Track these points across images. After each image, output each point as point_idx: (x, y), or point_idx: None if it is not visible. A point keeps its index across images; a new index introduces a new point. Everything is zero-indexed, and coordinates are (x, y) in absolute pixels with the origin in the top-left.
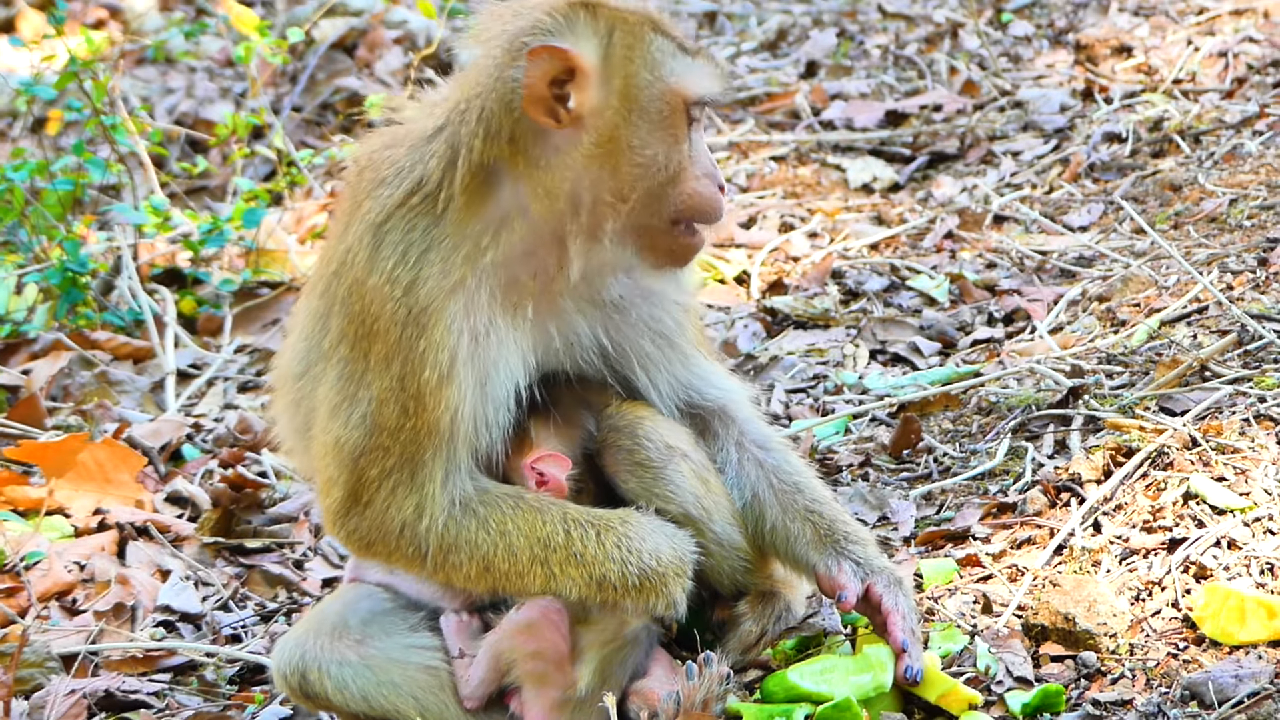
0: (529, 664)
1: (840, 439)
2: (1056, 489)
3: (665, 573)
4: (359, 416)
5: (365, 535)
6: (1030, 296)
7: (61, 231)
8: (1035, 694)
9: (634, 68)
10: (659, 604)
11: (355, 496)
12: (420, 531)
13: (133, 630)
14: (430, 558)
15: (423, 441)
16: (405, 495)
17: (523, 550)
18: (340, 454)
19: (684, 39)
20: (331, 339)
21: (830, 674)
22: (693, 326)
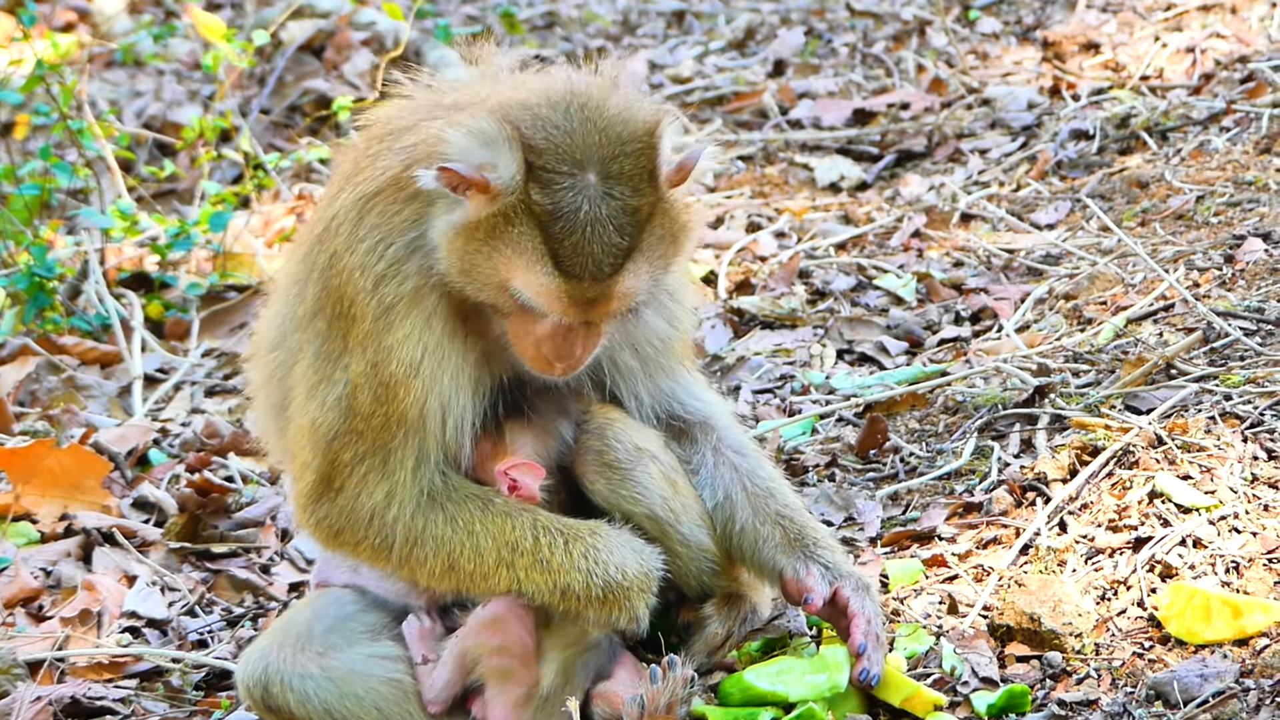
0: (494, 660)
1: (807, 439)
2: (1022, 488)
3: (630, 587)
4: (334, 399)
5: (334, 523)
6: (997, 295)
7: (29, 236)
8: (1001, 695)
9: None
10: (621, 618)
11: (328, 481)
12: (388, 521)
13: (99, 636)
14: (396, 550)
15: (394, 429)
16: (376, 482)
17: (489, 552)
18: (315, 437)
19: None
20: (308, 308)
21: (787, 675)
22: (679, 339)
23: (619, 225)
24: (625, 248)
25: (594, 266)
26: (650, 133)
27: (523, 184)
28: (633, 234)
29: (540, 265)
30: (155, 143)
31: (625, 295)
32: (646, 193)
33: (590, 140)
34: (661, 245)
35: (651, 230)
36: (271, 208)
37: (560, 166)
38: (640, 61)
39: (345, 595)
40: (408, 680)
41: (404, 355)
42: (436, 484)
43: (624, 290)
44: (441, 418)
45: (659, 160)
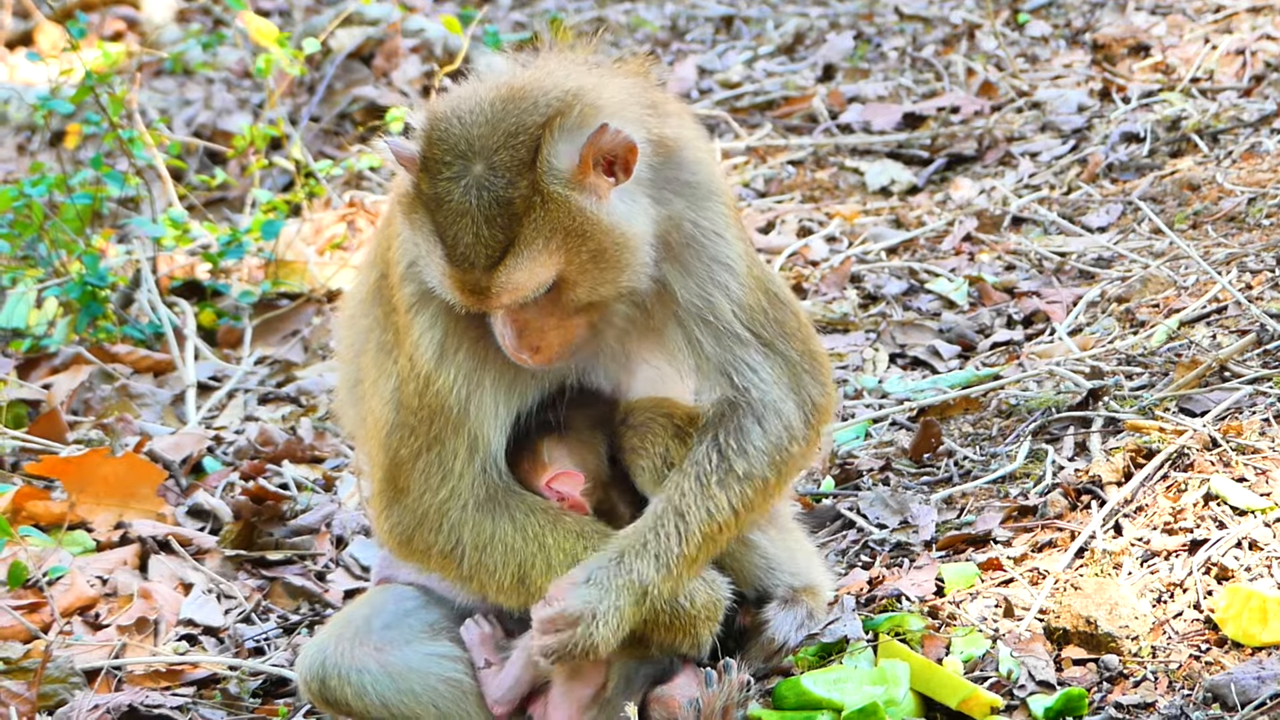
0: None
1: (860, 443)
2: (1077, 491)
3: (697, 616)
4: (389, 392)
5: (405, 528)
6: (1049, 298)
7: (80, 245)
8: (1058, 698)
9: None
10: (685, 644)
11: (393, 481)
12: (454, 522)
13: (155, 644)
14: (466, 557)
15: (440, 423)
16: (437, 480)
17: (559, 566)
18: (378, 433)
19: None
20: (369, 291)
21: (844, 683)
22: (729, 308)
23: (489, 217)
24: (501, 240)
25: (473, 256)
26: (541, 123)
27: (418, 172)
28: (506, 225)
29: (435, 252)
30: (205, 151)
31: (514, 288)
32: (521, 185)
33: (480, 133)
34: (556, 240)
35: (532, 223)
36: (323, 215)
37: (446, 157)
38: (689, 66)
39: (406, 592)
40: (466, 680)
41: (425, 349)
42: (498, 484)
43: (509, 283)
44: (475, 412)
45: (542, 152)
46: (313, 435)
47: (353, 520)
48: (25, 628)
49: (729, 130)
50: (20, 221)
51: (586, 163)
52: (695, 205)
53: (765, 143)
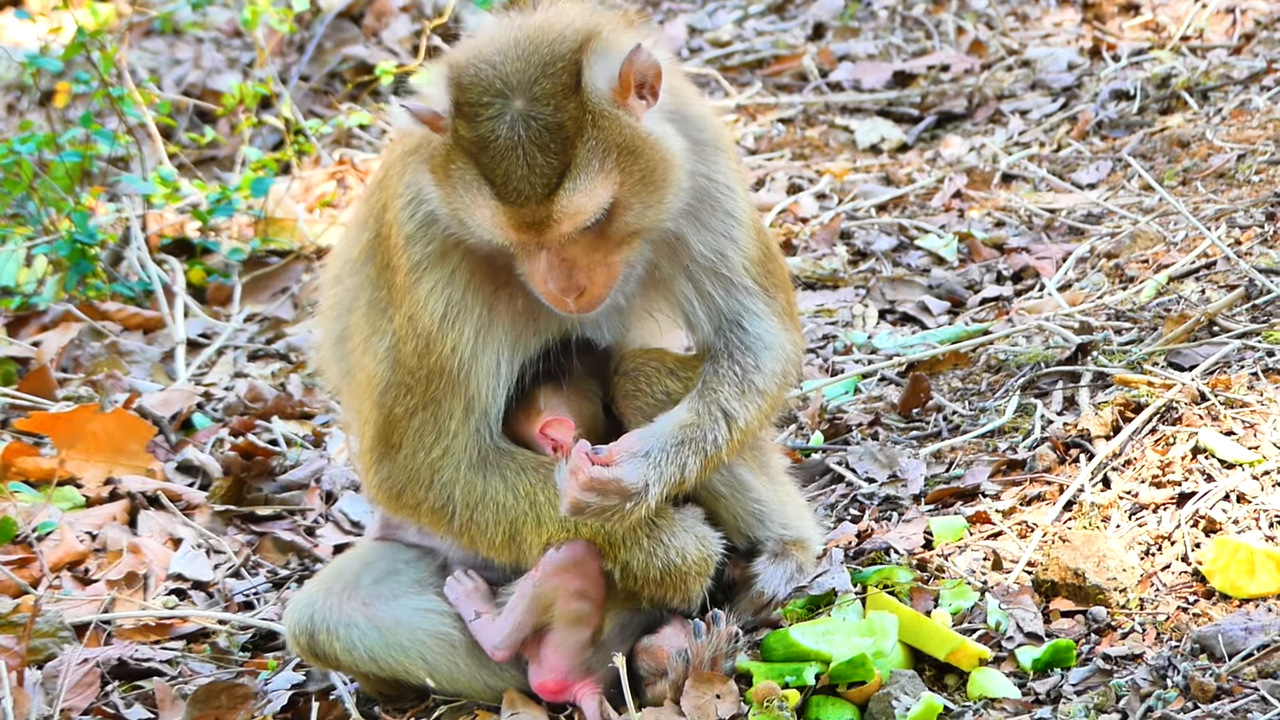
0: (572, 604)
1: (850, 398)
2: (1065, 445)
3: (688, 571)
4: (384, 351)
5: (396, 483)
6: (1039, 254)
7: (70, 203)
8: (1046, 649)
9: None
10: (675, 599)
11: (385, 438)
12: (446, 481)
13: (145, 599)
14: (457, 515)
15: (438, 383)
16: (431, 438)
17: (550, 522)
18: (371, 390)
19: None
20: (362, 251)
21: (832, 635)
22: (736, 257)
23: (542, 145)
24: (556, 165)
25: (528, 189)
26: (575, 49)
27: (453, 121)
28: (560, 150)
29: (482, 196)
30: (195, 110)
31: (575, 213)
32: (569, 109)
33: (514, 69)
34: (611, 159)
35: (586, 144)
36: (312, 173)
37: (483, 99)
38: (679, 25)
39: (397, 548)
40: (455, 634)
41: (432, 308)
42: (494, 446)
43: (570, 208)
44: (477, 373)
45: (584, 75)
46: (302, 391)
47: (342, 475)
48: (14, 583)
49: (719, 89)
50: (10, 179)
51: (627, 81)
52: (705, 159)
53: (755, 101)
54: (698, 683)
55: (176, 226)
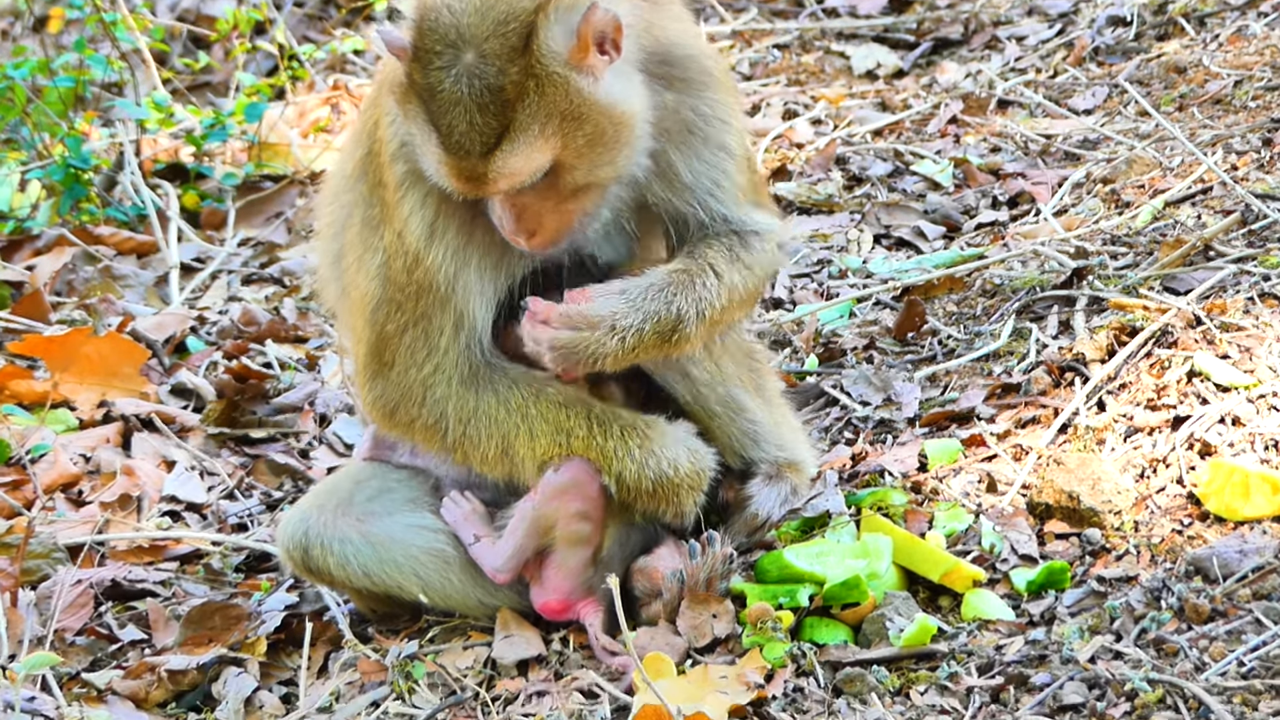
0: (573, 525)
1: (845, 323)
2: (1061, 369)
3: (680, 484)
4: (376, 267)
5: (389, 400)
6: (1035, 180)
7: (64, 128)
8: (1040, 571)
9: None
10: (668, 512)
11: (378, 355)
12: (438, 397)
13: (138, 520)
14: (450, 430)
15: (427, 300)
16: (422, 355)
17: (543, 435)
18: (363, 308)
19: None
20: (355, 167)
21: (826, 556)
22: (729, 179)
23: (482, 104)
24: (495, 126)
25: (468, 144)
26: (534, 8)
27: (409, 64)
28: (499, 112)
29: (430, 142)
30: (189, 35)
31: (511, 174)
32: (512, 72)
33: (469, 21)
34: (552, 124)
35: (526, 108)
36: (306, 99)
37: (436, 47)
38: None
39: (388, 468)
40: (449, 551)
41: (414, 227)
42: (486, 361)
43: (506, 169)
44: (461, 290)
45: (536, 36)
46: (296, 315)
47: (335, 399)
48: (8, 504)
49: (714, 14)
50: (3, 104)
51: (585, 41)
52: (694, 92)
53: (751, 27)
54: (694, 603)
55: (170, 151)
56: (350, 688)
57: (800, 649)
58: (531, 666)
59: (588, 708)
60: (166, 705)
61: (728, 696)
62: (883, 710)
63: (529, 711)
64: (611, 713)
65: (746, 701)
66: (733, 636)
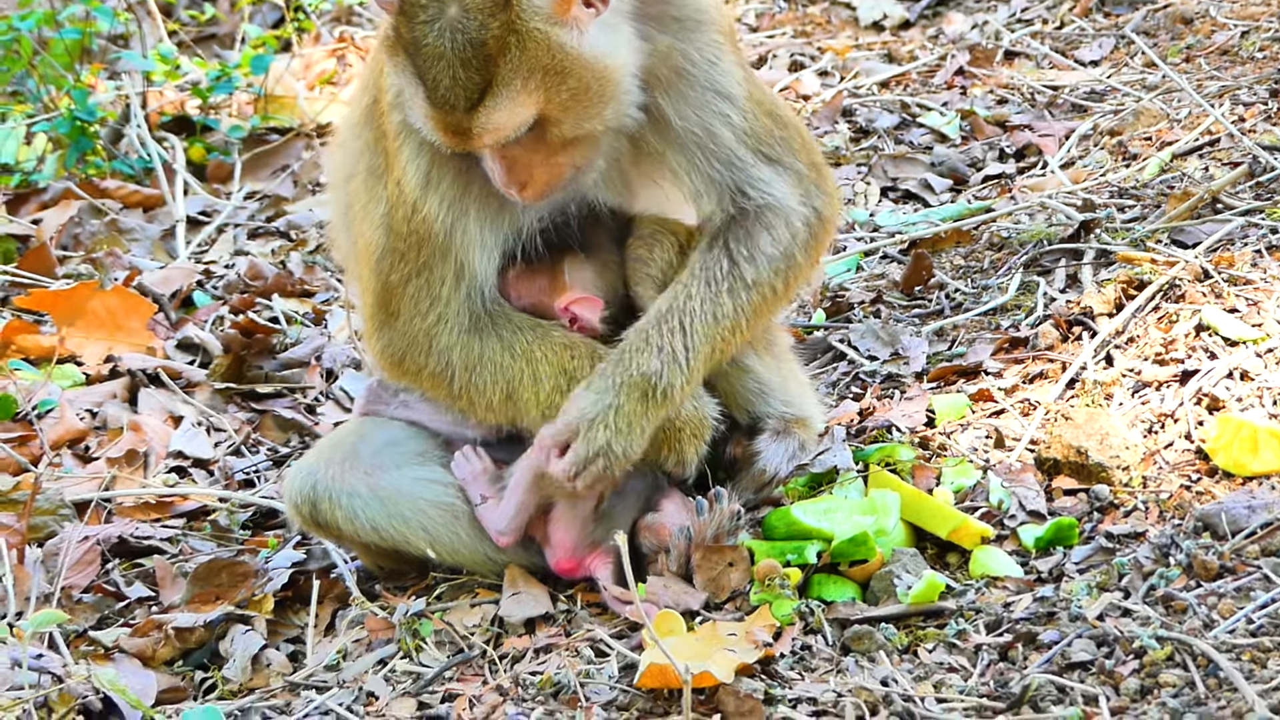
0: None
1: (852, 276)
2: (1068, 323)
3: (682, 429)
4: (380, 217)
5: (396, 349)
6: (1042, 132)
7: (70, 81)
8: (1048, 527)
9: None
10: (670, 459)
11: (384, 305)
12: (444, 346)
13: (145, 476)
14: (456, 378)
15: (428, 249)
16: (426, 305)
17: (547, 379)
18: (369, 257)
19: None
20: (361, 114)
21: (833, 513)
22: (730, 128)
23: (465, 59)
24: (478, 81)
25: (453, 99)
26: None
27: (396, 16)
28: (481, 67)
29: (417, 95)
30: None
31: (495, 128)
32: (493, 27)
33: None
34: (535, 79)
35: (508, 63)
36: (312, 50)
37: (421, 1)
38: None
39: (393, 423)
40: (458, 504)
41: (410, 177)
42: (489, 309)
43: (490, 124)
44: (459, 240)
45: None
46: (302, 269)
47: (342, 353)
48: (15, 460)
49: None
50: (9, 56)
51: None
52: (685, 37)
53: None
54: (709, 554)
55: (176, 104)
56: (357, 645)
57: (808, 606)
58: (539, 624)
59: (595, 665)
60: (173, 663)
61: (735, 655)
62: (891, 668)
63: (536, 669)
64: (619, 670)
65: (754, 660)
66: (741, 594)
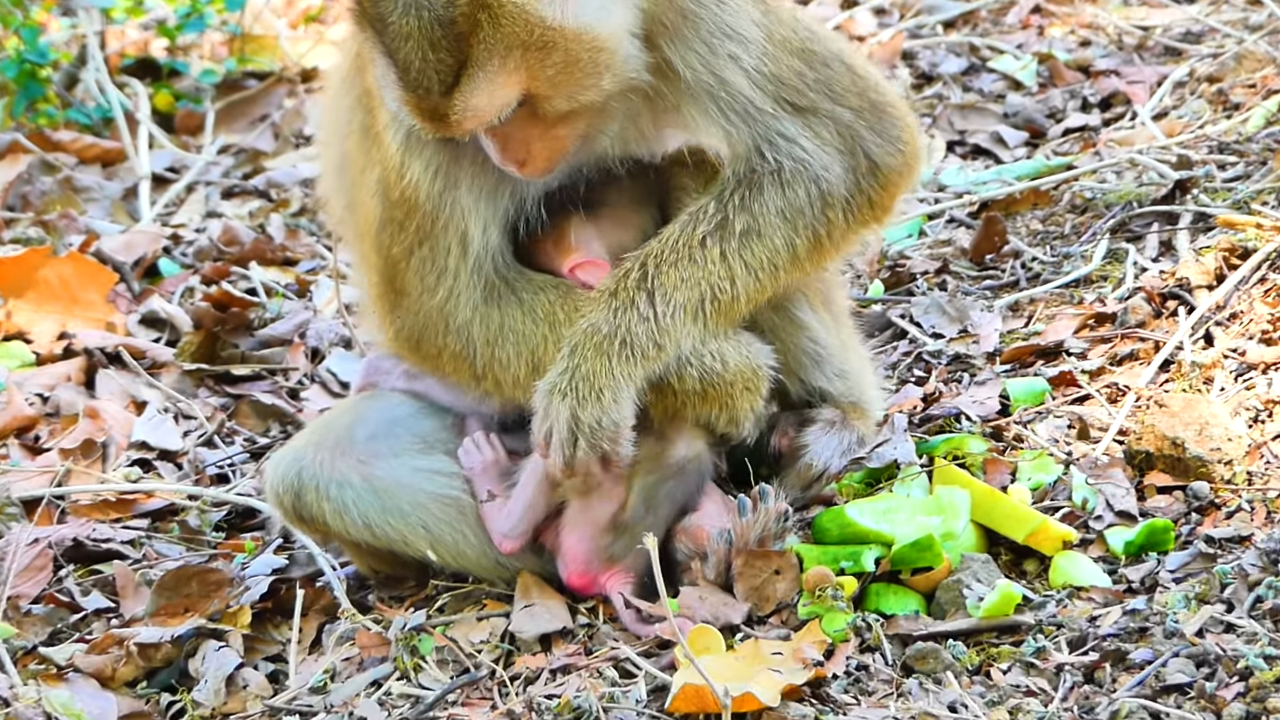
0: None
1: (914, 243)
2: (1162, 296)
3: (732, 381)
4: (374, 183)
5: (411, 331)
6: (1130, 78)
7: (18, 18)
8: (1139, 531)
9: None
10: (722, 418)
11: (390, 282)
12: (460, 322)
13: (104, 470)
14: (479, 356)
15: (421, 219)
16: (434, 279)
17: None
18: (370, 230)
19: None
20: (353, 64)
21: (894, 514)
22: (747, 80)
23: (434, 40)
24: (451, 63)
25: (427, 82)
26: None
27: None
28: (453, 48)
29: (390, 75)
30: None
31: (477, 112)
32: (461, 3)
33: None
34: (514, 57)
35: (482, 42)
36: None
37: None
38: None
39: (394, 400)
40: (464, 498)
41: (392, 138)
42: (496, 275)
43: (470, 108)
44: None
45: None
46: (284, 234)
47: (330, 330)
48: None
49: None
50: None
51: None
52: None
53: None
54: (751, 559)
55: (140, 45)
56: (348, 664)
57: (864, 620)
58: (555, 641)
59: (620, 688)
60: (136, 684)
61: (781, 676)
62: (959, 691)
63: (552, 693)
64: (648, 694)
65: (803, 681)
66: (787, 606)
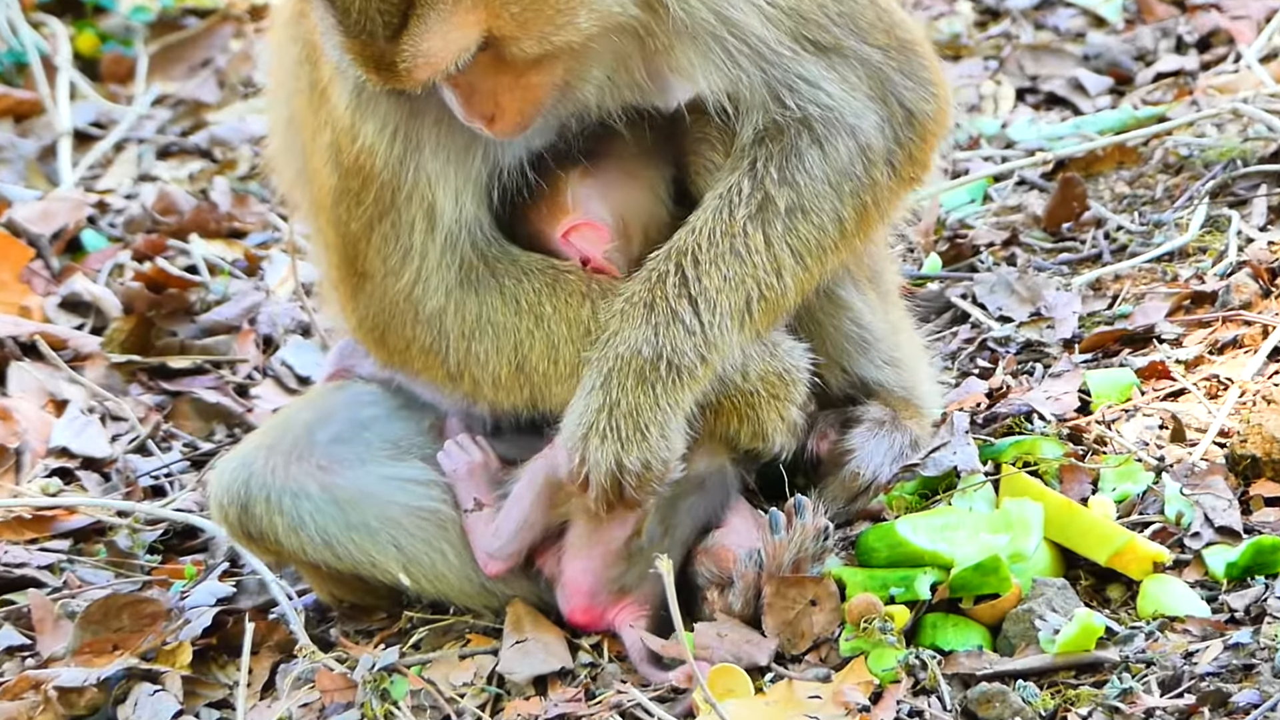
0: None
1: (977, 209)
2: (1270, 272)
3: (754, 391)
4: (327, 147)
5: (376, 321)
6: (1233, 13)
7: None
8: (1244, 550)
9: None
10: (744, 431)
11: (350, 263)
12: (431, 309)
13: (17, 482)
14: (452, 350)
15: (379, 190)
16: (397, 260)
17: (564, 343)
18: (325, 201)
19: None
20: (295, 7)
21: (953, 531)
22: (763, 14)
23: None
24: (397, 2)
25: (369, 24)
26: None
27: None
28: None
29: (329, 19)
30: None
31: (430, 58)
32: None
33: None
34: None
35: None
36: None
37: None
38: None
39: (365, 394)
40: (445, 511)
41: (340, 93)
42: (474, 252)
43: (421, 53)
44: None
45: None
46: (230, 200)
47: (285, 314)
48: None
49: None
50: None
51: None
52: None
53: None
54: (784, 587)
55: None
56: (306, 711)
57: (918, 658)
58: (552, 683)
59: None
60: None
61: None
62: None
63: None
64: None
65: None
66: (827, 641)
